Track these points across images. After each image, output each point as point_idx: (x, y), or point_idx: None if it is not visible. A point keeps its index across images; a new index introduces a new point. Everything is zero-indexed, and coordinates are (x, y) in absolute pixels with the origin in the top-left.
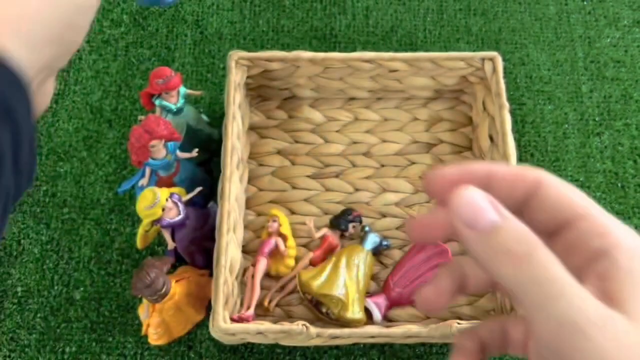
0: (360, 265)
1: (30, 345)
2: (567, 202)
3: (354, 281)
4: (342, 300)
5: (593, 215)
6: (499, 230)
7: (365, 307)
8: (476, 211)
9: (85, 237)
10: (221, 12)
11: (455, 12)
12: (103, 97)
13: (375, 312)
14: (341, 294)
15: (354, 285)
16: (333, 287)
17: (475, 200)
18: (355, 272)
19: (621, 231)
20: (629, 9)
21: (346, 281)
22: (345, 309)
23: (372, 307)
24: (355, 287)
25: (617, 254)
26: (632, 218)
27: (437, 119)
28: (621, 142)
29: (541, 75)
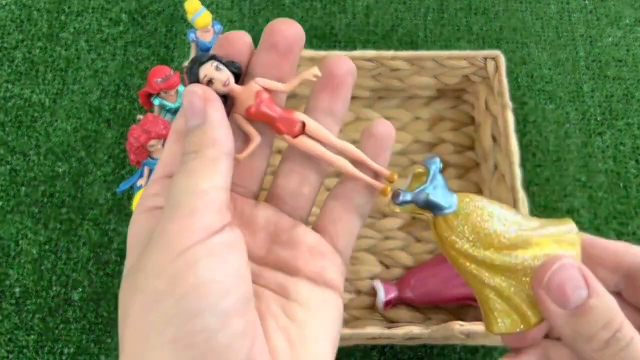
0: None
1: (28, 346)
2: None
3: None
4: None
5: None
6: (590, 311)
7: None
8: (568, 288)
9: (83, 237)
10: (220, 11)
11: (456, 11)
12: (102, 97)
13: (381, 295)
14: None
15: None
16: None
17: (568, 275)
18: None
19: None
20: (630, 7)
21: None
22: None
23: (380, 289)
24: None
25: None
26: (634, 218)
27: (439, 118)
28: (623, 141)
29: (542, 75)
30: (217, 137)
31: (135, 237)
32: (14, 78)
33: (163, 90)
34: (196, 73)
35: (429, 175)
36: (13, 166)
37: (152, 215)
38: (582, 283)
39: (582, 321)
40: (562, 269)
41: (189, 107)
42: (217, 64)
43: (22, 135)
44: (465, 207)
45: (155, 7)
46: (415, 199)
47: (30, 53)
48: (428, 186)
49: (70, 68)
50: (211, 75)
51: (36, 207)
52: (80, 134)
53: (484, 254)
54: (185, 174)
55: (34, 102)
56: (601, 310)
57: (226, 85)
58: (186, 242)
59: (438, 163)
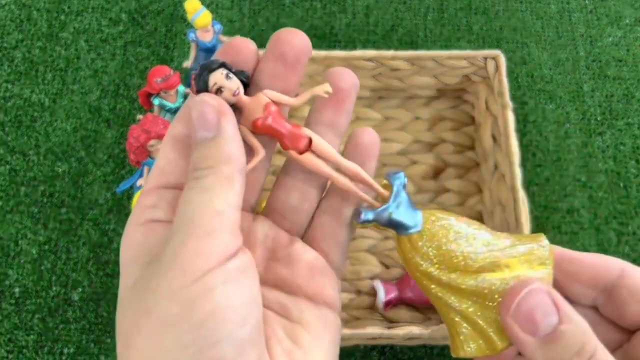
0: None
1: (28, 347)
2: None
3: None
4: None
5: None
6: (561, 337)
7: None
8: (537, 314)
9: (83, 237)
10: (220, 10)
11: (456, 11)
12: (101, 97)
13: (381, 295)
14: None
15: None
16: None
17: (537, 301)
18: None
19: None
20: (630, 7)
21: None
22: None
23: (380, 290)
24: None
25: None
26: (634, 218)
27: (439, 118)
28: (623, 141)
29: (542, 75)
30: (232, 153)
31: (131, 252)
32: (13, 78)
33: (163, 90)
34: (205, 80)
35: (392, 192)
36: (13, 166)
37: (149, 229)
38: (552, 309)
39: (553, 348)
40: (530, 295)
41: (201, 119)
42: (227, 72)
43: (22, 135)
44: (431, 226)
45: (155, 7)
46: (377, 218)
47: (29, 53)
48: (391, 205)
49: (70, 68)
50: (221, 84)
51: (36, 207)
52: (80, 133)
53: (450, 277)
54: (199, 190)
55: (33, 102)
56: (573, 335)
57: (236, 94)
58: (202, 266)
59: (402, 178)
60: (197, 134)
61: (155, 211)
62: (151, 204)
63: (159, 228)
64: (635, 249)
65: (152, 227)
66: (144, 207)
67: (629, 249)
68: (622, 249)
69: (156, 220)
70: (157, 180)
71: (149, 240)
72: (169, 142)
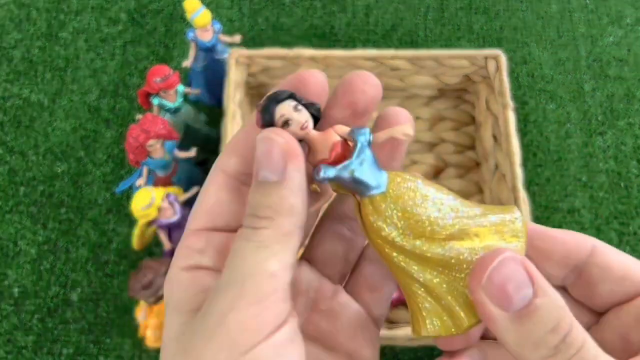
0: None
1: (27, 347)
2: (633, 275)
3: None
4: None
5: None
6: (536, 312)
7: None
8: (511, 286)
9: (82, 237)
10: (220, 10)
11: (456, 10)
12: (101, 96)
13: None
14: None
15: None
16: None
17: (511, 271)
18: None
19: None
20: (631, 7)
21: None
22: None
23: None
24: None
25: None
26: (635, 218)
27: (439, 117)
28: (624, 141)
29: (543, 74)
30: (296, 206)
31: (176, 300)
32: (12, 78)
33: (162, 89)
34: (272, 112)
35: (356, 148)
36: (12, 166)
37: (195, 277)
38: (526, 280)
39: (527, 324)
40: (503, 265)
41: (266, 158)
42: (296, 103)
43: (21, 135)
44: (396, 188)
45: (155, 7)
46: (338, 176)
47: (29, 53)
48: (353, 161)
49: (69, 68)
50: (289, 116)
51: (35, 207)
52: (79, 133)
53: (414, 244)
54: (254, 246)
55: (32, 102)
56: (549, 310)
57: (304, 128)
58: (251, 340)
59: (367, 134)
60: (259, 173)
61: (202, 257)
62: (199, 248)
63: (205, 277)
64: (636, 249)
65: (198, 275)
66: (190, 250)
67: (629, 249)
68: (623, 249)
69: (203, 267)
70: (204, 221)
71: (194, 288)
72: (219, 179)
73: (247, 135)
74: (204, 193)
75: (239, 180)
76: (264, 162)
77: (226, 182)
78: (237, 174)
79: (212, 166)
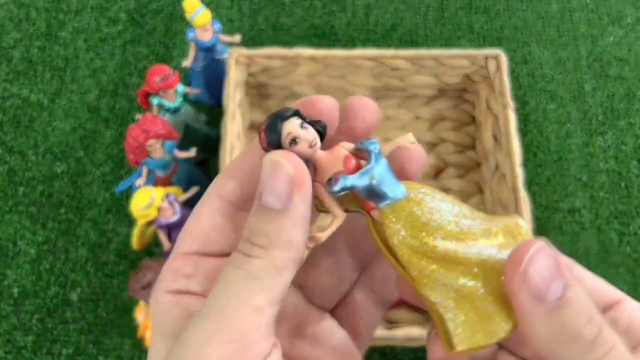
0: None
1: (26, 347)
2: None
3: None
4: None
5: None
6: (570, 303)
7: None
8: (546, 277)
9: (82, 237)
10: (220, 9)
11: (456, 10)
12: (100, 96)
13: None
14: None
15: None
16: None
17: (546, 261)
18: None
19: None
20: (632, 6)
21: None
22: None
23: None
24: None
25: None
26: (635, 218)
27: (439, 117)
28: (625, 141)
29: (544, 74)
30: (294, 239)
31: (160, 323)
32: (12, 77)
33: (162, 89)
34: (279, 130)
35: (371, 156)
36: (11, 166)
37: (182, 301)
38: (559, 271)
39: (563, 317)
40: (538, 255)
41: (271, 183)
42: (302, 121)
43: (21, 135)
44: (415, 194)
45: (154, 6)
46: (355, 184)
47: (28, 52)
48: (373, 166)
49: (68, 67)
50: (296, 134)
51: (34, 207)
52: (79, 133)
53: (445, 244)
54: (243, 274)
55: (32, 102)
56: (582, 303)
57: (313, 146)
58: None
59: (377, 144)
60: (262, 197)
61: (190, 282)
62: (186, 272)
63: (193, 302)
64: (636, 249)
65: (185, 300)
66: (178, 274)
67: (630, 249)
68: (624, 249)
69: (189, 293)
70: (195, 245)
71: (180, 314)
72: (214, 202)
73: (247, 159)
74: (197, 216)
75: (235, 206)
76: (269, 186)
77: (222, 206)
78: (235, 200)
79: (208, 188)
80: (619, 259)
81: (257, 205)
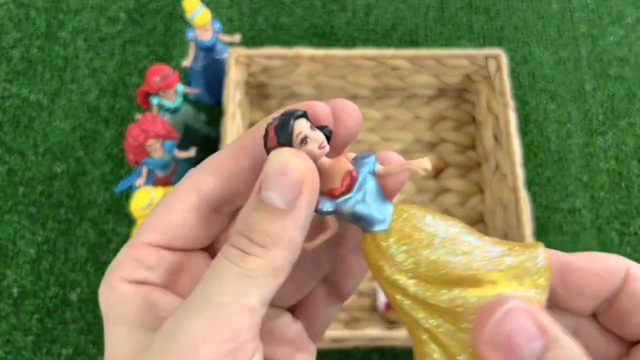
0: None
1: (26, 347)
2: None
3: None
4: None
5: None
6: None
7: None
8: (519, 340)
9: (81, 237)
10: (220, 9)
11: (456, 10)
12: (100, 96)
13: (381, 296)
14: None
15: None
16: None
17: (517, 323)
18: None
19: None
20: (632, 6)
21: None
22: None
23: (380, 291)
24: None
25: None
26: (635, 218)
27: (439, 117)
28: (625, 141)
29: (544, 74)
30: (295, 242)
31: (122, 313)
32: (11, 77)
33: (161, 89)
34: (291, 128)
35: (357, 179)
36: (11, 166)
37: (143, 291)
38: (535, 332)
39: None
40: (509, 316)
41: (279, 180)
42: (310, 124)
43: (20, 135)
44: (401, 225)
45: (154, 6)
46: (337, 210)
47: (28, 52)
48: (353, 196)
49: (68, 67)
50: (307, 133)
51: (34, 207)
52: (79, 133)
53: (418, 287)
54: (239, 271)
55: (32, 102)
56: (557, 356)
57: (322, 147)
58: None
59: (372, 163)
60: (266, 193)
61: (151, 274)
62: (148, 264)
63: (155, 293)
64: (637, 249)
65: (146, 290)
66: (138, 263)
67: (630, 249)
68: (624, 250)
69: (149, 284)
70: (160, 238)
71: (143, 304)
72: (191, 197)
73: (233, 159)
74: (168, 207)
75: (211, 206)
76: (276, 183)
77: (197, 204)
78: (213, 200)
79: (184, 178)
80: None
81: (256, 200)
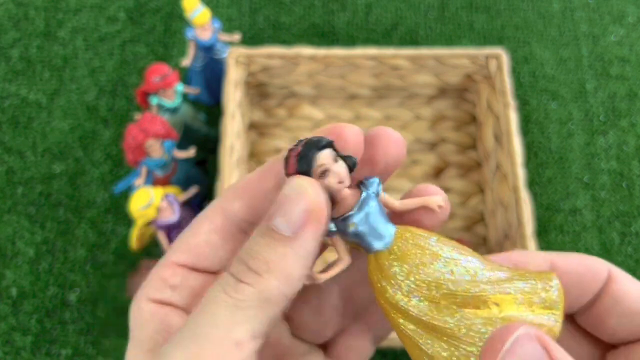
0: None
1: (25, 348)
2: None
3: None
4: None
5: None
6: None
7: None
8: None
9: (80, 238)
10: (219, 8)
11: (457, 9)
12: (99, 96)
13: None
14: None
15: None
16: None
17: (527, 352)
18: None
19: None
20: (633, 5)
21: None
22: None
23: None
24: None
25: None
26: (637, 218)
27: (440, 117)
28: (626, 141)
29: (545, 73)
30: (293, 275)
31: (139, 333)
32: (10, 77)
33: (161, 88)
34: (312, 160)
35: (359, 198)
36: (10, 166)
37: (162, 313)
38: (542, 353)
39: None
40: (519, 344)
41: (287, 206)
42: (335, 154)
43: (19, 135)
44: (403, 244)
45: (153, 5)
46: (339, 229)
47: (27, 52)
48: (354, 214)
49: (67, 67)
50: (329, 166)
51: (33, 207)
52: (78, 133)
53: (420, 309)
54: (229, 301)
55: (30, 101)
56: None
57: (341, 182)
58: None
59: (376, 185)
60: (273, 218)
61: (174, 294)
62: (172, 283)
63: (172, 315)
64: (638, 249)
65: (165, 312)
66: (164, 284)
67: (631, 249)
68: (625, 249)
69: (172, 305)
70: (186, 258)
71: (157, 325)
72: (217, 219)
73: (259, 180)
74: (196, 228)
75: (238, 226)
76: (284, 209)
77: (223, 224)
78: (238, 220)
79: (214, 201)
80: (621, 259)
81: (264, 226)
